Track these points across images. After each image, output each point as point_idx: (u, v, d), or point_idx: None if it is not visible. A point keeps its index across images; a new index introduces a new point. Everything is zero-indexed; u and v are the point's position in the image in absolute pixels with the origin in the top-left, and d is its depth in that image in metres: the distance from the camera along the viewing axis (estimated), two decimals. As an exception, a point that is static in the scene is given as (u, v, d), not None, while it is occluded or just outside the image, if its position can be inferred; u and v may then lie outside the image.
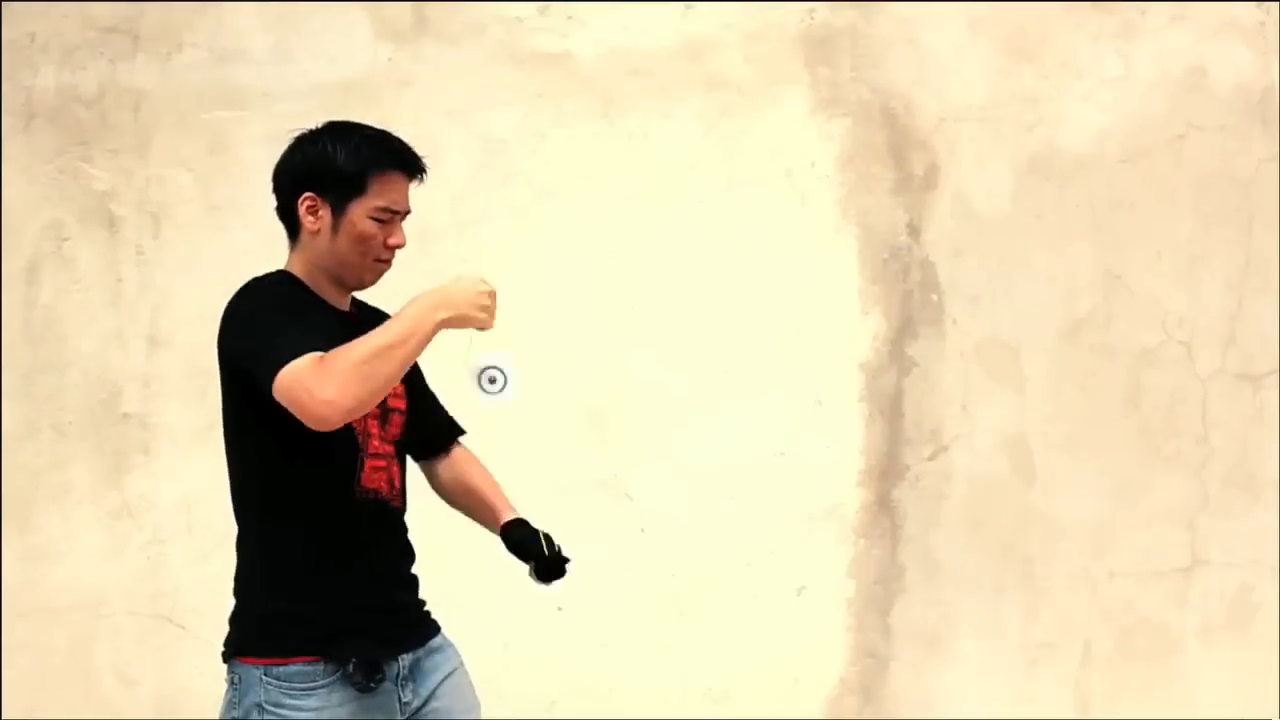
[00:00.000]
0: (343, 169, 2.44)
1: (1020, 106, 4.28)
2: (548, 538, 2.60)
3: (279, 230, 3.88)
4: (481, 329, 2.39)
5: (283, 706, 2.35)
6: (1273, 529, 4.48)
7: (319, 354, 2.22)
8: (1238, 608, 4.50)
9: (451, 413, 2.77)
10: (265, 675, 2.37)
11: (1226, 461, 4.47)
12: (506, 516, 2.65)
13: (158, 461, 3.90)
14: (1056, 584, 4.39)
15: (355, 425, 2.39)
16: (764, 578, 4.21)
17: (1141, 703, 4.46)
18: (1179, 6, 4.30)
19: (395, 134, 2.53)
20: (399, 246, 2.50)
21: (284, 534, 2.42)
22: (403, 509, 2.55)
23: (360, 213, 2.44)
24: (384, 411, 2.48)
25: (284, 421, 2.27)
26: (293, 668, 2.35)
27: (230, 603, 3.91)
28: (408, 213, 2.52)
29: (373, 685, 2.34)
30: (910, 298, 4.26)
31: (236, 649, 2.45)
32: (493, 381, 2.46)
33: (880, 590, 4.29)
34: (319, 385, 2.18)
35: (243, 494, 2.48)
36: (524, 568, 2.55)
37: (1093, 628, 4.43)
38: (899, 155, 4.24)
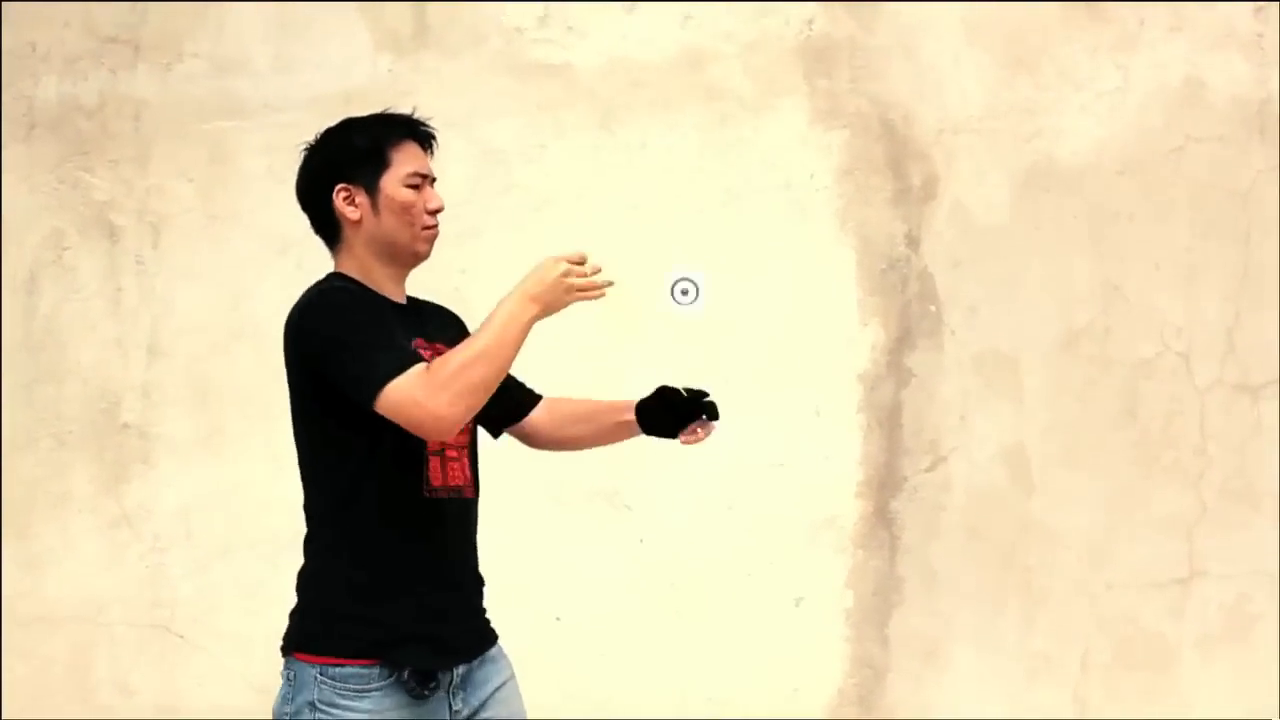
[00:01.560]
0: (362, 149, 2.50)
1: (1018, 118, 4.29)
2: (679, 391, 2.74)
3: (278, 240, 3.91)
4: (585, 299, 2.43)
5: (335, 706, 2.35)
6: (1270, 540, 4.48)
7: (422, 366, 2.28)
8: (1235, 618, 4.50)
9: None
10: (321, 674, 2.37)
11: (1224, 472, 4.47)
12: (634, 401, 2.79)
13: (157, 471, 3.90)
14: (1055, 594, 4.39)
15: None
16: (762, 588, 4.21)
17: (1139, 713, 4.46)
18: (1176, 18, 4.31)
19: (397, 110, 2.60)
20: (440, 209, 2.53)
21: (354, 536, 2.41)
22: (476, 498, 2.56)
23: (393, 184, 2.48)
24: None
25: (364, 429, 2.33)
26: (349, 669, 2.36)
27: (225, 613, 3.93)
28: (434, 179, 2.55)
29: (426, 694, 2.36)
30: (909, 309, 4.27)
31: (295, 645, 2.44)
32: (685, 293, 2.58)
33: (878, 601, 4.29)
34: (430, 399, 2.24)
35: (316, 495, 2.46)
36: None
37: (1091, 638, 4.43)
38: (897, 166, 4.25)
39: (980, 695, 4.35)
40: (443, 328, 2.61)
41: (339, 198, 2.49)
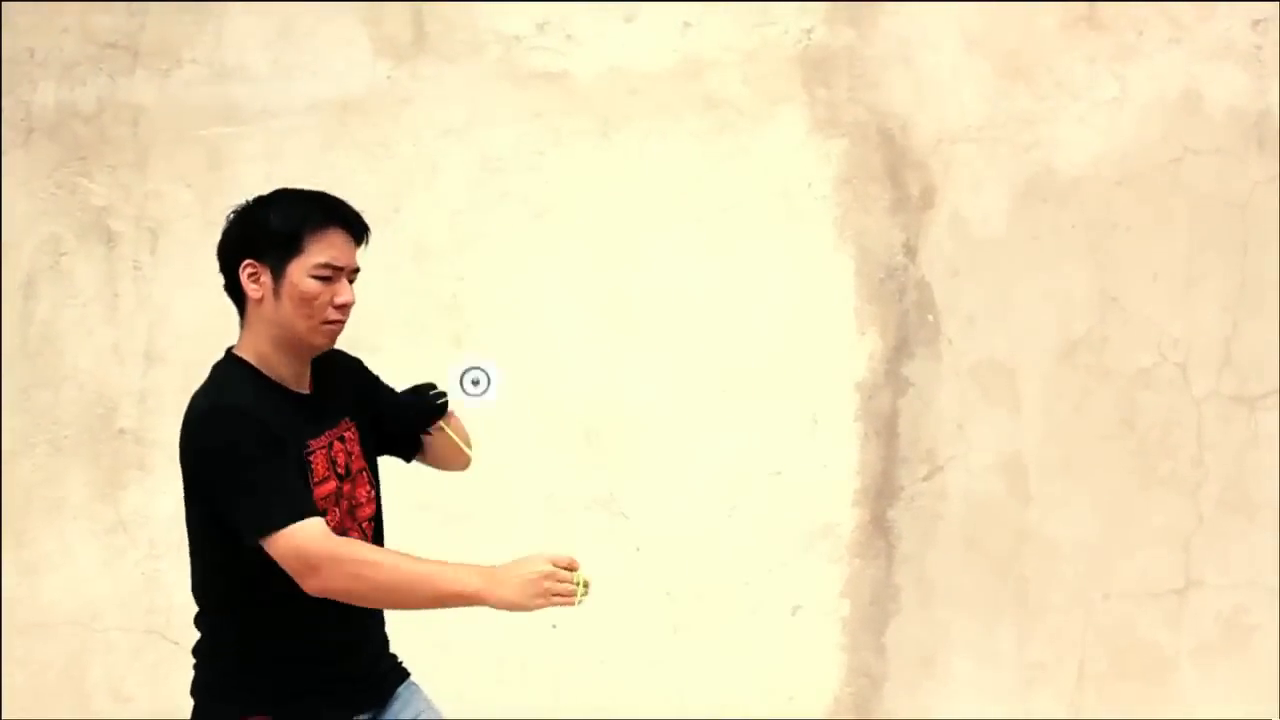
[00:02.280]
0: (277, 230, 2.43)
1: (1017, 128, 4.29)
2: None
3: (276, 247, 3.91)
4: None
5: None
6: (1267, 551, 4.48)
7: (322, 527, 2.28)
8: (1232, 629, 4.50)
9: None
10: None
11: (1221, 483, 4.47)
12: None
13: (153, 477, 3.90)
14: (1051, 604, 4.38)
15: (332, 515, 2.41)
16: (759, 596, 4.20)
17: (1136, 724, 4.46)
18: (1175, 29, 4.31)
19: (333, 195, 2.51)
20: (347, 305, 2.44)
21: (245, 621, 2.44)
22: (376, 530, 2.57)
23: (300, 272, 2.41)
24: (350, 504, 2.47)
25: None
26: None
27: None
28: (355, 270, 2.47)
29: None
30: (906, 318, 4.27)
31: (197, 712, 2.47)
32: (475, 384, 2.44)
33: (875, 610, 4.28)
34: (321, 567, 2.25)
35: (203, 583, 2.47)
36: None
37: (1087, 648, 4.42)
38: (895, 176, 4.25)
39: (977, 704, 4.35)
40: (341, 405, 2.55)
41: (244, 273, 2.46)
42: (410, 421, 2.63)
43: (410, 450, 2.72)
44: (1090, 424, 4.38)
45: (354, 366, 2.67)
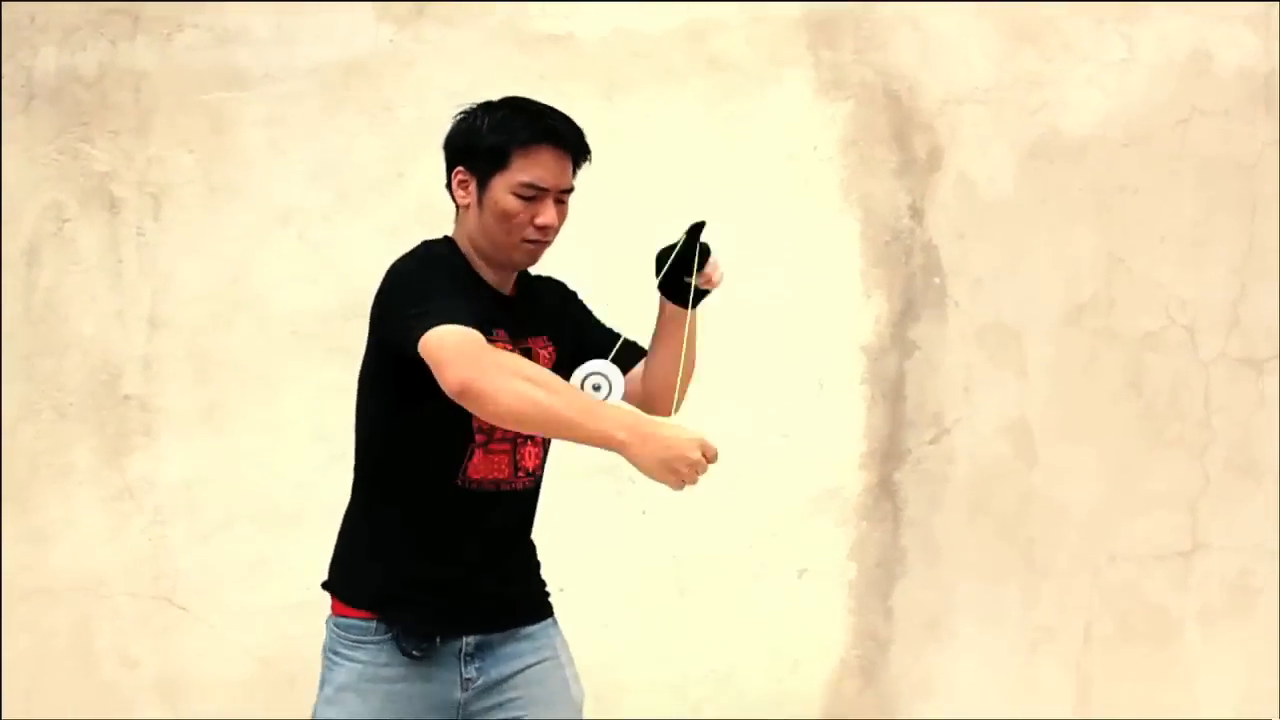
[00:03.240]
0: (485, 142, 2.43)
1: (1024, 89, 4.27)
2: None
3: (280, 211, 3.90)
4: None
5: (339, 655, 2.42)
6: (1274, 513, 4.48)
7: (482, 340, 2.19)
8: (1238, 592, 4.50)
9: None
10: (333, 623, 2.46)
11: (1228, 446, 4.47)
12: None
13: (159, 443, 3.90)
14: (1057, 567, 4.39)
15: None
16: (765, 560, 4.21)
17: (1142, 686, 4.46)
18: (1183, -10, 4.30)
19: (559, 110, 2.50)
20: (548, 226, 2.45)
21: (378, 500, 2.47)
22: (528, 490, 2.52)
23: (502, 188, 2.42)
24: None
25: (408, 397, 2.31)
26: (351, 620, 2.42)
27: (228, 585, 3.94)
28: (566, 190, 2.48)
29: (416, 654, 2.39)
30: (912, 281, 4.26)
31: (328, 590, 2.51)
32: (597, 389, 2.39)
33: (881, 573, 4.29)
34: (480, 370, 2.14)
35: (360, 454, 2.49)
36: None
37: (1093, 611, 4.43)
38: (902, 138, 4.23)
39: (982, 667, 4.36)
40: (542, 320, 2.56)
41: (455, 178, 2.48)
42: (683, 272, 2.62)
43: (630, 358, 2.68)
44: (1097, 387, 4.38)
45: (567, 295, 2.71)
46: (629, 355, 2.69)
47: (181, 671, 3.93)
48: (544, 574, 2.68)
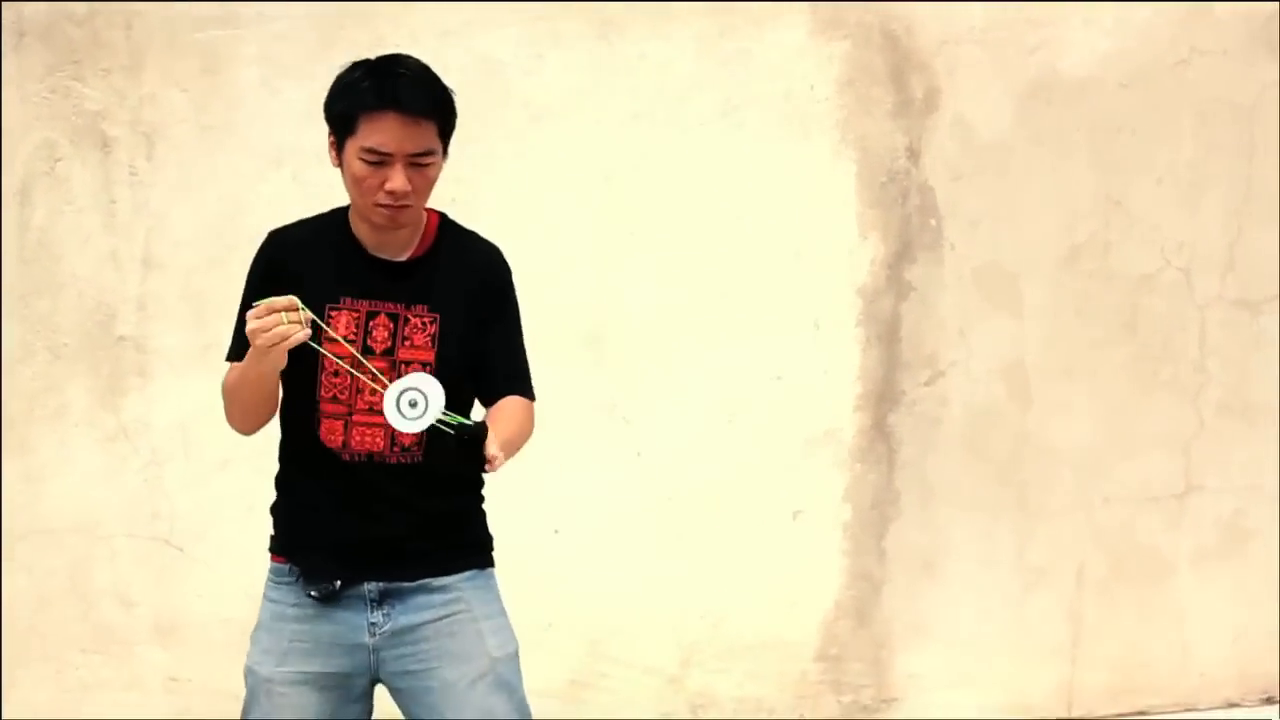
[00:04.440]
0: (336, 107, 2.45)
1: (1022, 29, 4.24)
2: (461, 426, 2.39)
3: (273, 151, 3.88)
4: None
5: (265, 596, 2.61)
6: (1267, 455, 4.50)
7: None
8: (1231, 533, 4.53)
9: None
10: (269, 569, 2.63)
11: (1222, 388, 4.48)
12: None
13: (154, 384, 3.89)
14: (1051, 509, 4.41)
15: (343, 387, 2.47)
16: (760, 502, 4.22)
17: (1134, 627, 4.49)
18: (1183, -71, 4.26)
19: (410, 71, 2.45)
20: (396, 193, 2.40)
21: (283, 460, 2.64)
22: (416, 464, 2.51)
23: (352, 153, 2.42)
24: (393, 364, 2.46)
25: (284, 376, 2.50)
26: (273, 564, 2.62)
27: (224, 525, 3.94)
28: (418, 154, 2.42)
29: (314, 595, 2.51)
30: (909, 222, 4.25)
31: None
32: (413, 405, 2.32)
33: (876, 515, 4.30)
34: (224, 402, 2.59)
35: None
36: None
37: (1087, 552, 4.45)
38: (899, 78, 4.20)
39: (976, 608, 4.38)
40: (436, 292, 2.51)
41: (329, 141, 2.50)
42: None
43: (483, 404, 2.65)
44: (1092, 329, 4.38)
45: (490, 282, 2.59)
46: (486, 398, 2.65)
47: (179, 612, 3.95)
48: (485, 530, 2.69)
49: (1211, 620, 4.55)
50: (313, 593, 2.51)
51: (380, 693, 2.62)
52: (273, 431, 2.63)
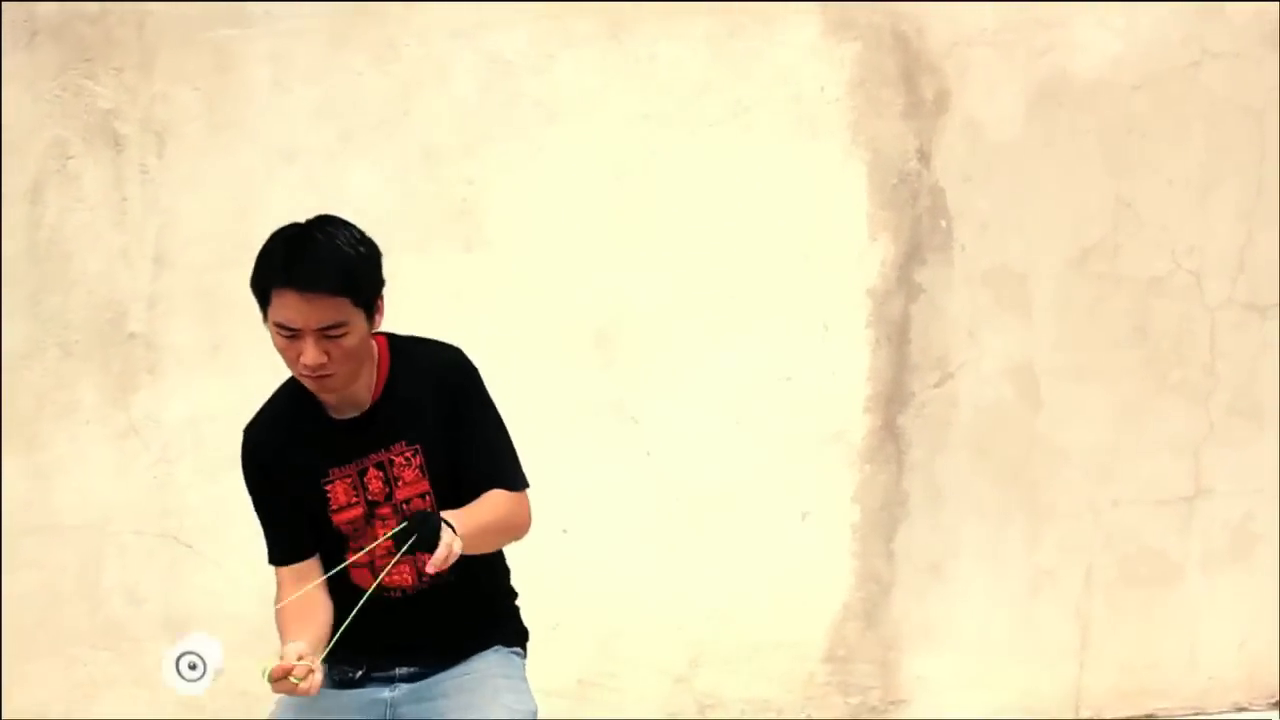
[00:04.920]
0: (254, 283, 2.45)
1: (1033, 31, 4.24)
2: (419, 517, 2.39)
3: (284, 150, 3.88)
4: None
5: None
6: (1276, 459, 4.48)
7: (286, 576, 2.60)
8: (1240, 537, 4.52)
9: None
10: None
11: (1232, 391, 4.47)
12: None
13: (164, 381, 3.90)
14: (1060, 511, 4.40)
15: (363, 535, 2.54)
16: (769, 502, 4.22)
17: (1142, 629, 4.48)
18: (1195, -70, 4.25)
19: (320, 245, 2.42)
20: (310, 367, 2.39)
21: None
22: (446, 584, 2.55)
23: (270, 326, 2.43)
24: (396, 508, 2.53)
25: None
26: None
27: (234, 523, 3.95)
28: (324, 328, 2.38)
29: (334, 678, 2.61)
30: (919, 223, 4.24)
31: None
32: (193, 668, 2.31)
33: (885, 516, 4.30)
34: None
35: None
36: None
37: (1095, 555, 4.45)
38: (909, 79, 4.20)
39: (985, 610, 4.38)
40: (401, 426, 2.53)
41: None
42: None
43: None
44: (1102, 331, 4.37)
45: (444, 388, 2.58)
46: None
47: (188, 609, 3.96)
48: (519, 624, 2.79)
49: (1220, 623, 4.54)
50: (335, 677, 2.59)
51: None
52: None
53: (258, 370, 3.85)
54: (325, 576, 2.50)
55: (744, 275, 4.14)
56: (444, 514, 2.35)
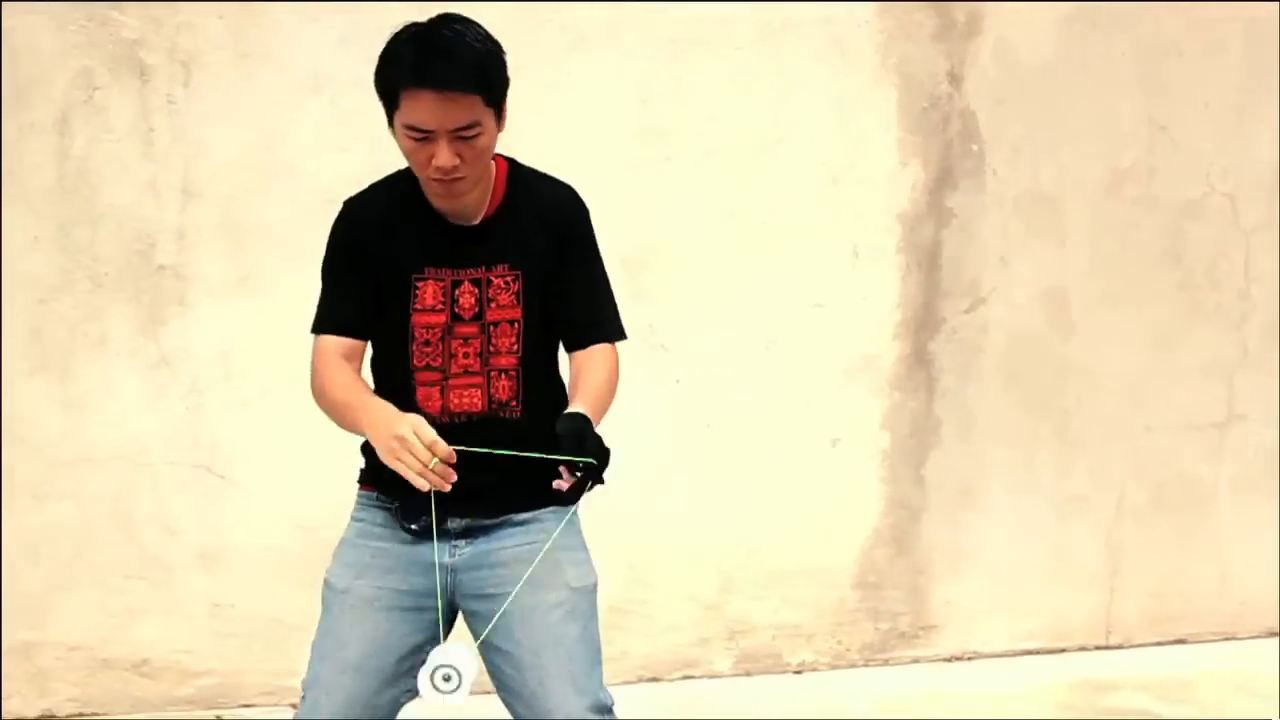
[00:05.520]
0: (379, 82, 2.40)
1: (1066, -50, 4.18)
2: (581, 436, 2.37)
3: (311, 78, 3.86)
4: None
5: (354, 514, 2.62)
6: (1312, 383, 4.46)
7: (326, 344, 2.52)
8: (1272, 463, 4.51)
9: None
10: (357, 494, 2.64)
11: (1266, 316, 4.44)
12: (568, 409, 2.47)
13: (194, 312, 3.91)
14: (1091, 437, 4.39)
15: (435, 348, 2.46)
16: (799, 429, 4.22)
17: (1173, 556, 4.49)
18: None
19: (451, 42, 2.36)
20: (444, 169, 2.35)
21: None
22: (511, 418, 2.50)
23: (399, 128, 2.38)
24: (483, 328, 2.47)
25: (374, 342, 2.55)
26: (361, 492, 2.62)
27: (266, 452, 3.97)
28: (463, 128, 2.34)
29: (413, 529, 2.50)
30: (950, 148, 4.20)
31: None
32: (447, 680, 2.30)
33: (914, 443, 4.30)
34: (313, 376, 2.53)
35: None
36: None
37: (1127, 481, 4.44)
38: (941, 1, 4.15)
39: (1015, 536, 4.38)
40: (508, 248, 2.49)
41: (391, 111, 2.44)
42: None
43: (568, 350, 2.62)
44: (1136, 256, 4.34)
45: (560, 225, 2.54)
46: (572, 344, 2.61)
47: (222, 539, 3.99)
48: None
49: (1252, 549, 4.53)
50: (413, 526, 2.50)
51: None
52: (307, 359, 2.62)
53: (287, 300, 3.88)
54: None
55: (773, 201, 4.12)
56: (579, 411, 2.38)
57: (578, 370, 2.56)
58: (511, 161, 2.57)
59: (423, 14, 3.86)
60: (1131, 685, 4.21)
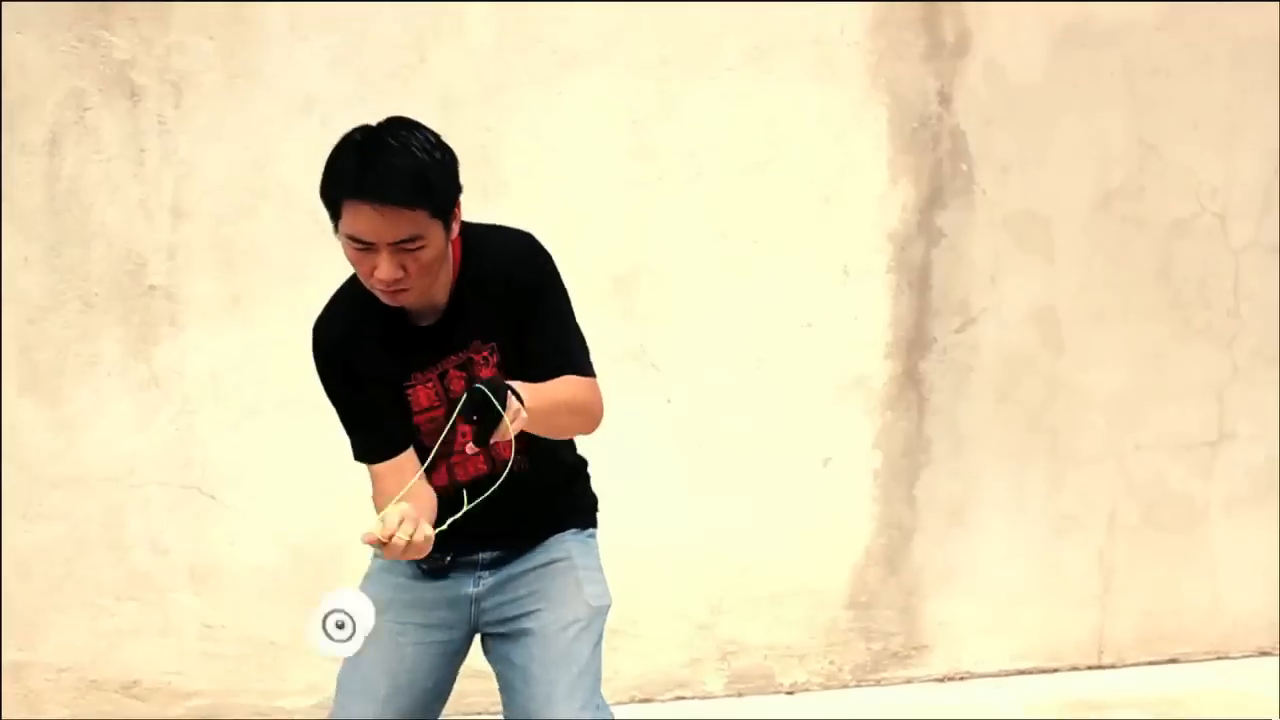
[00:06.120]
0: (322, 193, 2.32)
1: (1055, -29, 4.19)
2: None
3: (301, 98, 3.87)
4: None
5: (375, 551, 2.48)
6: (1302, 402, 4.46)
7: (379, 470, 2.48)
8: (1263, 481, 4.51)
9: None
10: None
11: (1256, 334, 4.45)
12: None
13: (185, 333, 3.90)
14: (1082, 456, 4.39)
15: (438, 434, 2.39)
16: (790, 449, 4.21)
17: (1165, 574, 4.48)
18: None
19: (395, 153, 2.27)
20: (385, 281, 2.29)
21: None
22: (520, 468, 2.47)
23: (342, 237, 2.31)
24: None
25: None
26: None
27: (257, 473, 3.96)
28: (400, 242, 2.26)
29: (423, 568, 2.56)
30: (940, 167, 4.21)
31: None
32: (340, 627, 2.17)
33: (906, 462, 4.29)
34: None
35: None
36: None
37: (1118, 499, 4.44)
38: (930, 21, 4.16)
39: (1007, 556, 4.38)
40: (476, 326, 2.46)
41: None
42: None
43: None
44: (1125, 275, 4.35)
45: (517, 284, 2.47)
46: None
47: (212, 559, 3.98)
48: (590, 495, 2.83)
49: (1243, 568, 4.53)
50: (423, 566, 2.54)
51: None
52: (303, 379, 2.62)
53: (277, 320, 3.88)
54: (423, 468, 2.44)
55: (764, 220, 4.12)
56: (511, 384, 2.26)
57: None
58: (464, 230, 2.48)
59: (409, 33, 3.89)
60: (1124, 705, 4.21)
